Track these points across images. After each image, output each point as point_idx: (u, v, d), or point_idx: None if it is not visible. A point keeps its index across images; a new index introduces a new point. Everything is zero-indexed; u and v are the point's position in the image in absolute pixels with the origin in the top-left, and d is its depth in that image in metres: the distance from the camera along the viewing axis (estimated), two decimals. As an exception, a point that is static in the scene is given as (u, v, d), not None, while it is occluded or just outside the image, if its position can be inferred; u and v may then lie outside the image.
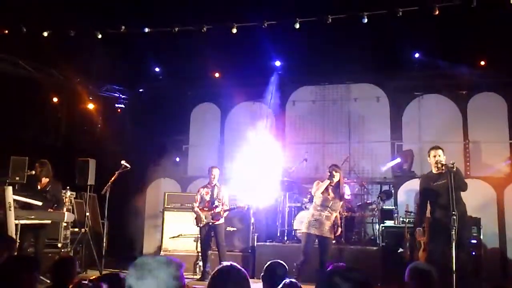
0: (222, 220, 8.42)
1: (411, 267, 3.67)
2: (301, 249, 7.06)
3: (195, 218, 8.49)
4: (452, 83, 10.32)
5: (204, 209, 8.42)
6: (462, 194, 6.28)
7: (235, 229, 9.41)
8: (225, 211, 8.37)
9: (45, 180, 7.78)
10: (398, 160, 10.15)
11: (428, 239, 6.54)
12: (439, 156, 6.29)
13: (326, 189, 7.01)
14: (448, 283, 5.39)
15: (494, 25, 8.14)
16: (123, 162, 8.41)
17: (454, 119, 10.48)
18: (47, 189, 7.71)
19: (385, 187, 10.07)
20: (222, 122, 11.98)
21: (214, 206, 8.37)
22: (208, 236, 8.44)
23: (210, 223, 8.33)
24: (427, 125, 10.47)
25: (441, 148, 6.43)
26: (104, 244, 8.41)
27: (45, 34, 8.86)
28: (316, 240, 7.11)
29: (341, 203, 7.17)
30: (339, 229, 7.36)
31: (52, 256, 7.83)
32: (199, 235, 8.69)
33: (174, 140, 11.74)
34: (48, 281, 5.78)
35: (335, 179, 7.03)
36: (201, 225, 8.40)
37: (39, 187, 7.71)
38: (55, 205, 7.71)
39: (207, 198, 8.47)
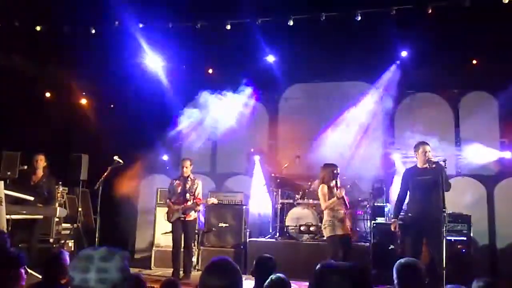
0: (194, 216, 8.07)
1: (396, 267, 3.69)
2: (334, 253, 6.63)
3: (166, 213, 8.12)
4: (444, 82, 10.36)
5: (175, 203, 8.00)
6: (451, 192, 6.35)
7: (227, 225, 9.45)
8: (191, 207, 7.91)
9: (40, 173, 7.77)
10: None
11: (402, 233, 6.61)
12: (429, 152, 6.36)
13: (333, 188, 6.93)
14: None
15: (487, 24, 8.21)
16: (115, 157, 8.40)
17: (446, 117, 10.54)
18: (41, 183, 7.70)
19: (377, 184, 10.10)
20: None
21: (185, 200, 7.95)
22: (178, 232, 8.04)
23: (181, 218, 7.94)
24: (419, 123, 10.51)
25: (426, 143, 6.52)
26: (96, 239, 8.40)
27: (38, 28, 8.83)
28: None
29: None
30: None
31: (45, 251, 7.83)
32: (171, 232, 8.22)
33: (168, 136, 11.71)
34: (40, 276, 5.79)
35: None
36: (172, 220, 8.01)
37: (32, 182, 7.70)
38: (47, 200, 7.69)
39: (178, 190, 8.05)
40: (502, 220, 9.62)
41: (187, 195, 7.93)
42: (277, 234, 9.30)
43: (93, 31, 8.88)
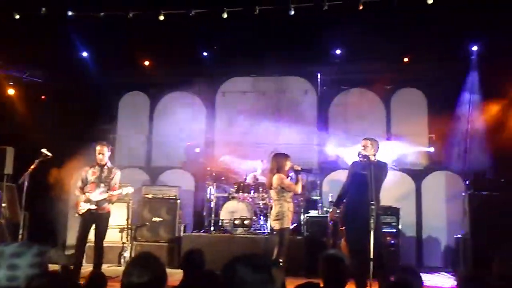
0: (107, 208, 7.15)
1: (320, 256, 3.75)
2: (285, 246, 6.72)
3: (75, 204, 7.22)
4: (377, 78, 10.64)
5: (88, 192, 7.08)
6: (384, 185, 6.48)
7: (161, 219, 9.32)
8: (110, 198, 7.05)
9: None
10: None
11: (346, 227, 6.72)
12: (363, 147, 6.49)
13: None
14: (367, 271, 5.62)
15: (417, 22, 8.49)
16: (43, 150, 8.02)
17: (378, 112, 10.85)
18: None
19: (311, 178, 10.22)
20: (151, 111, 11.76)
21: (99, 190, 7.07)
22: (88, 226, 7.14)
23: (93, 210, 7.02)
24: (353, 118, 10.76)
25: (370, 139, 6.56)
26: (21, 236, 8.02)
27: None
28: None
29: None
30: None
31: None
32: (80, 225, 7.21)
33: (101, 129, 11.37)
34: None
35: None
36: (81, 212, 7.08)
37: None
38: None
39: (92, 179, 7.13)
40: (427, 213, 10.03)
41: (101, 185, 7.11)
42: (212, 227, 9.26)
43: (17, 16, 8.41)
